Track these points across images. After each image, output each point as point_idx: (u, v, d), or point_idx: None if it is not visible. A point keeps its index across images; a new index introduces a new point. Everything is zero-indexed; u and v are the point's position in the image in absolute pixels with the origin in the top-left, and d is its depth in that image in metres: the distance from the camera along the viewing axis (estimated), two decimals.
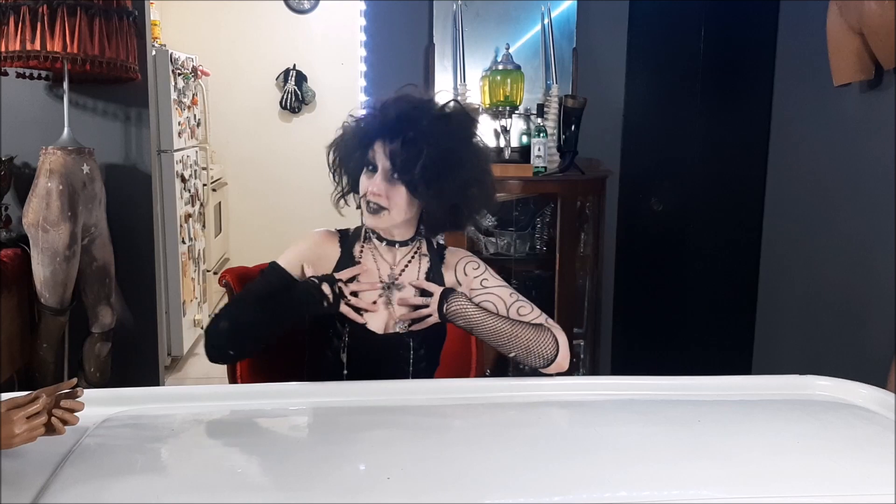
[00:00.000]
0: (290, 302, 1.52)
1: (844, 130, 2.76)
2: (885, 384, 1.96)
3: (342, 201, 1.64)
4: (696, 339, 3.37)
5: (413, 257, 1.62)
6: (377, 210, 1.52)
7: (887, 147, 2.48)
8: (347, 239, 1.64)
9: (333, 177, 1.61)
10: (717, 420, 1.37)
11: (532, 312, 1.57)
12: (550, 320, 1.57)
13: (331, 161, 1.60)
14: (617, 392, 1.53)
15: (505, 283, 1.62)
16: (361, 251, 1.61)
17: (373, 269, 1.60)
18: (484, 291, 1.59)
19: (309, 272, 1.56)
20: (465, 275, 1.61)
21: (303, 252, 1.61)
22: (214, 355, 1.54)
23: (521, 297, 1.59)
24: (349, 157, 1.56)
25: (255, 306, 1.53)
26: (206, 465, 1.20)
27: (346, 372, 1.58)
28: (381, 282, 1.59)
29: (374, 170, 1.52)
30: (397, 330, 1.58)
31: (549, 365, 1.51)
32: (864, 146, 2.65)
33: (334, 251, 1.62)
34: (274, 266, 1.59)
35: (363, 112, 1.57)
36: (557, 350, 1.51)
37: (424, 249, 1.64)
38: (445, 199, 1.53)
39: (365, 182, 1.53)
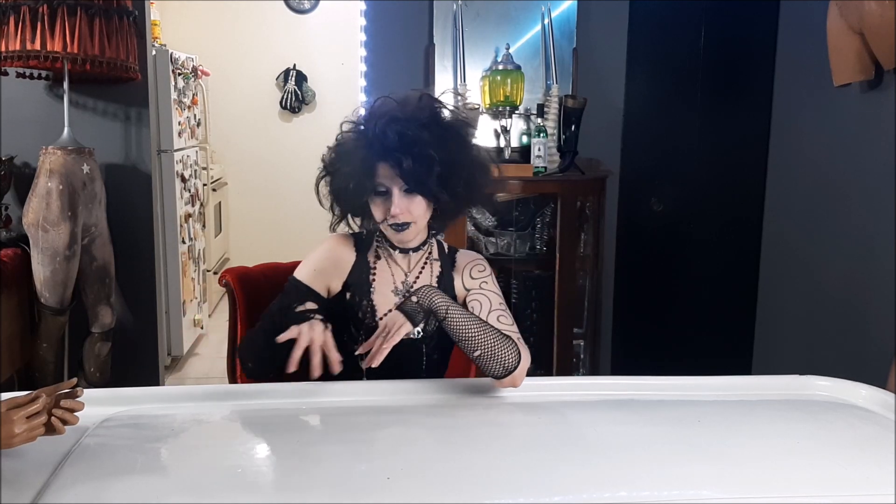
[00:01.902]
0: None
1: (844, 130, 2.76)
2: (885, 384, 1.96)
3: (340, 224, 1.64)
4: (696, 339, 3.37)
5: (426, 263, 1.63)
6: (404, 227, 1.53)
7: (887, 147, 2.48)
8: (362, 243, 1.64)
9: (331, 208, 1.61)
10: (717, 420, 1.37)
11: (511, 326, 1.54)
12: (521, 340, 1.53)
13: (325, 193, 1.59)
14: (617, 392, 1.53)
15: (500, 294, 1.60)
16: (377, 258, 1.62)
17: (388, 278, 1.60)
18: (477, 291, 1.59)
19: (335, 283, 1.58)
20: (471, 277, 1.62)
21: (318, 260, 1.60)
22: (247, 374, 1.56)
23: (507, 311, 1.57)
24: (348, 186, 1.53)
25: (278, 325, 1.49)
26: (206, 465, 1.20)
27: (364, 379, 1.58)
28: (396, 289, 1.60)
29: (386, 192, 1.51)
30: (411, 337, 1.58)
31: (507, 375, 1.45)
32: (865, 146, 2.65)
33: (349, 256, 1.62)
34: (295, 282, 1.57)
35: (346, 136, 1.56)
36: (518, 362, 1.46)
37: (436, 254, 1.65)
38: (461, 193, 1.54)
39: (380, 206, 1.52)
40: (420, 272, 1.62)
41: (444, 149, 1.49)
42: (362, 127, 1.54)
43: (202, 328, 4.33)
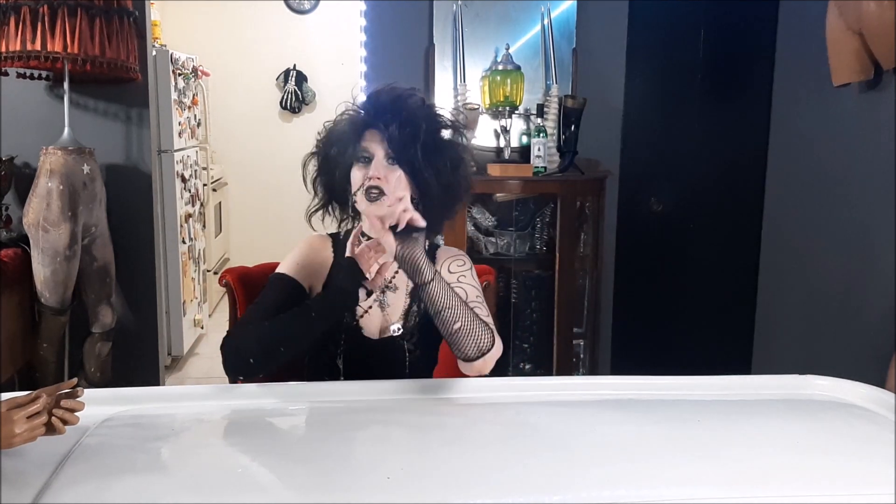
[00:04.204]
0: (324, 307, 1.47)
1: (844, 130, 2.76)
2: (884, 384, 1.96)
3: (318, 214, 1.61)
4: (696, 339, 3.38)
5: None
6: (377, 195, 1.47)
7: (887, 147, 2.49)
8: (339, 242, 1.63)
9: (314, 189, 1.59)
10: (717, 420, 1.37)
11: (486, 318, 1.48)
12: (496, 332, 1.49)
13: (312, 170, 1.58)
14: (617, 392, 1.53)
15: (478, 288, 1.58)
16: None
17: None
18: (455, 284, 1.55)
19: (316, 284, 1.56)
20: (450, 272, 1.59)
21: (301, 258, 1.58)
22: (237, 370, 1.47)
23: (484, 304, 1.54)
24: (331, 152, 1.53)
25: (276, 317, 1.46)
26: (206, 465, 1.20)
27: (342, 378, 1.58)
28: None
29: (368, 160, 1.49)
30: (392, 334, 1.58)
31: (480, 357, 1.42)
32: (864, 146, 2.65)
33: (328, 256, 1.61)
34: (279, 276, 1.55)
35: (343, 116, 1.55)
36: (493, 345, 1.43)
37: None
38: (441, 179, 1.52)
39: (359, 173, 1.49)
40: (398, 268, 1.58)
41: (433, 125, 1.50)
42: (360, 102, 1.54)
43: (202, 328, 4.33)
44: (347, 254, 1.49)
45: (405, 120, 1.46)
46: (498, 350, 1.44)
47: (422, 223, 1.40)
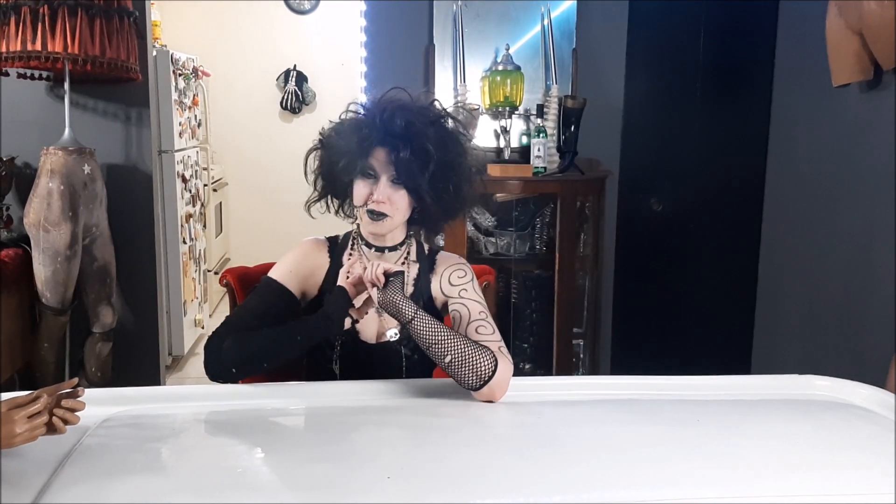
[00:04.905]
0: (308, 333, 1.48)
1: (844, 131, 2.76)
2: (885, 384, 1.96)
3: (317, 205, 1.62)
4: (696, 339, 3.38)
5: (403, 264, 1.59)
6: (379, 217, 1.49)
7: (887, 147, 2.49)
8: (336, 247, 1.62)
9: (314, 185, 1.60)
10: (717, 420, 1.37)
11: (492, 335, 1.48)
12: (505, 349, 1.46)
13: (314, 167, 1.57)
14: (617, 392, 1.53)
15: (481, 301, 1.55)
16: (350, 259, 1.57)
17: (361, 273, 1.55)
18: (457, 301, 1.55)
19: (310, 288, 1.57)
20: (451, 284, 1.58)
21: (293, 264, 1.58)
22: (217, 374, 1.48)
23: (488, 319, 1.51)
24: (338, 162, 1.52)
25: (260, 325, 1.47)
26: (206, 465, 1.20)
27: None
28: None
29: (373, 176, 1.49)
30: (389, 339, 1.57)
31: (482, 385, 1.39)
32: (864, 146, 2.65)
33: (324, 261, 1.60)
34: (269, 281, 1.55)
35: (351, 116, 1.54)
36: (494, 371, 1.39)
37: (414, 255, 1.61)
38: (445, 202, 1.53)
39: (363, 189, 1.50)
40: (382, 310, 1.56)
41: (442, 151, 1.48)
42: (370, 108, 1.51)
43: (203, 328, 4.33)
44: (339, 282, 1.50)
45: (416, 148, 1.45)
46: (504, 373, 1.41)
47: (396, 269, 1.47)
